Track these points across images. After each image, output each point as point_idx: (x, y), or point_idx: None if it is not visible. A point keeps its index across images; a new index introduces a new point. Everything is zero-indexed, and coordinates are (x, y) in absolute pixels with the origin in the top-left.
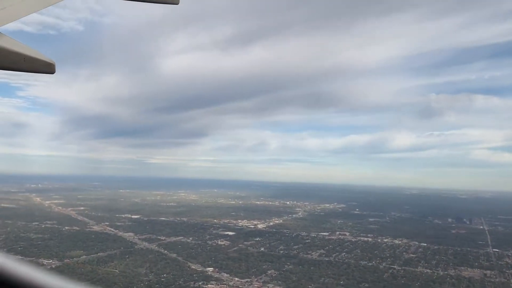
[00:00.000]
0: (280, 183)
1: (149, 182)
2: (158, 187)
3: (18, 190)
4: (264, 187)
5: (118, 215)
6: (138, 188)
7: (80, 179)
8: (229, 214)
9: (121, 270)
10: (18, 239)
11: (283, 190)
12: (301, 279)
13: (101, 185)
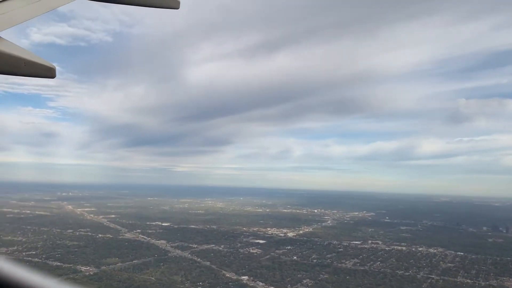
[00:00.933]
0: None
1: (176, 190)
2: (184, 195)
3: (51, 198)
4: (289, 195)
5: (149, 223)
6: (165, 196)
7: (109, 187)
8: (257, 222)
9: (157, 277)
10: (55, 246)
11: (309, 198)
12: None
13: (129, 193)
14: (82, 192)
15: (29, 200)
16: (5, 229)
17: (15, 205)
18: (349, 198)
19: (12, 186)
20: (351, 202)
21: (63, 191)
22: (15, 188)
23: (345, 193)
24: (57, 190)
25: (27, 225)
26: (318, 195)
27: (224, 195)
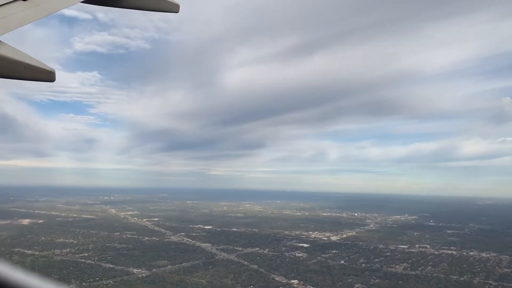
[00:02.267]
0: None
1: (212, 193)
2: (221, 198)
3: (94, 202)
4: (326, 198)
5: (192, 226)
6: (203, 199)
7: (148, 191)
8: (298, 226)
9: (208, 280)
10: (105, 249)
11: (347, 202)
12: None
13: (168, 197)
14: (124, 196)
15: (74, 204)
16: (56, 231)
17: (62, 208)
18: (389, 201)
19: (56, 191)
20: (391, 206)
21: (105, 195)
22: (60, 192)
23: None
24: (99, 194)
25: (75, 228)
26: (356, 198)
27: (260, 198)
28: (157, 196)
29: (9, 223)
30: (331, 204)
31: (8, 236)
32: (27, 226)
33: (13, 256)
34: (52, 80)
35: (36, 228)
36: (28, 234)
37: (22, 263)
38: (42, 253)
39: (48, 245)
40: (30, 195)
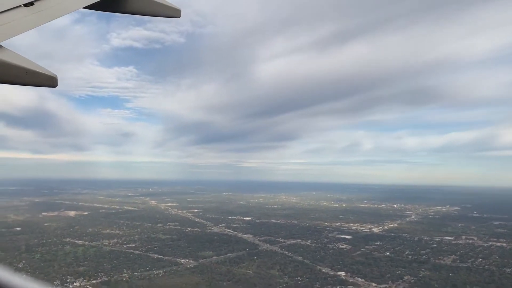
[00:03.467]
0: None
1: (246, 185)
2: (256, 190)
3: (134, 194)
4: (362, 190)
5: (231, 217)
6: (238, 191)
7: (184, 183)
8: (337, 217)
9: (254, 271)
10: (151, 240)
11: (384, 193)
12: (444, 286)
13: (204, 189)
14: (161, 188)
15: (115, 196)
16: (102, 223)
17: (104, 200)
18: (428, 192)
19: (97, 183)
20: (430, 197)
21: (143, 187)
22: (100, 185)
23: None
24: (138, 187)
25: (119, 219)
26: (393, 189)
27: (295, 190)
28: (193, 188)
29: (57, 214)
30: (368, 195)
31: (58, 227)
32: (74, 218)
33: (65, 246)
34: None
35: (82, 219)
36: (76, 225)
37: (75, 253)
38: (91, 244)
39: (96, 235)
40: (72, 187)
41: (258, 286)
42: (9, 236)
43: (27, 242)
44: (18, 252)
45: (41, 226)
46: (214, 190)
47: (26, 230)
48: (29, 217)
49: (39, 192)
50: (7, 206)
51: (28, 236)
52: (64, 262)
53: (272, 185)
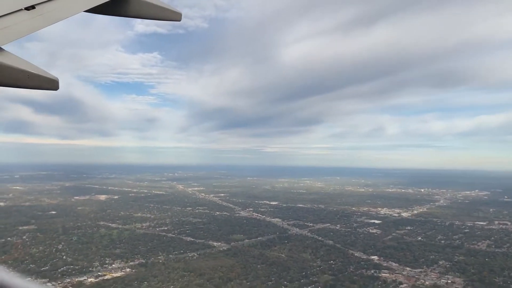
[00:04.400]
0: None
1: (270, 170)
2: (280, 175)
3: (160, 178)
4: (387, 174)
5: (258, 202)
6: (262, 176)
7: (208, 168)
8: (364, 202)
9: (287, 254)
10: (182, 223)
11: (410, 178)
12: (481, 272)
13: (228, 174)
14: (187, 173)
15: (142, 180)
16: (133, 207)
17: (132, 185)
18: (455, 177)
19: (123, 168)
20: (458, 181)
21: (169, 172)
22: (127, 169)
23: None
24: (164, 171)
25: (149, 203)
26: (420, 174)
27: (318, 175)
28: (218, 173)
29: (88, 198)
30: (394, 180)
31: (91, 211)
32: (105, 202)
33: (100, 229)
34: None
35: (113, 203)
36: (108, 209)
37: (110, 235)
38: (125, 227)
39: (128, 219)
40: (100, 172)
41: (292, 269)
42: (46, 219)
43: (63, 224)
44: (56, 234)
45: (74, 209)
46: (238, 175)
47: (61, 213)
48: (62, 200)
49: (68, 176)
50: (41, 190)
51: (63, 219)
52: (100, 244)
53: (295, 170)
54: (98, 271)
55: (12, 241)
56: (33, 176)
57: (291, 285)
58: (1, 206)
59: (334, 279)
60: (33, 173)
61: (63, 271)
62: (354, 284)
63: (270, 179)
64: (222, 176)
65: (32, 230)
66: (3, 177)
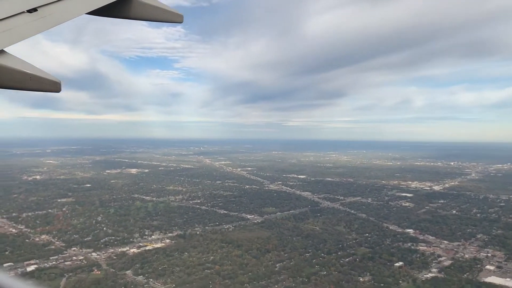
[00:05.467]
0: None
1: (294, 144)
2: (304, 148)
3: (187, 153)
4: (414, 147)
5: (285, 175)
6: (287, 150)
7: (232, 142)
8: (394, 176)
9: (321, 227)
10: (214, 196)
11: (438, 151)
12: None
13: (253, 148)
14: (212, 147)
15: (169, 154)
16: (164, 180)
17: (160, 159)
18: (486, 150)
19: (150, 142)
20: (489, 154)
21: (194, 146)
22: (153, 144)
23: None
24: (189, 146)
25: (179, 176)
26: (448, 147)
27: (344, 148)
28: (242, 147)
29: (120, 172)
30: (421, 153)
31: (124, 184)
32: (136, 175)
33: (135, 201)
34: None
35: (145, 176)
36: (140, 182)
37: (146, 208)
38: (159, 199)
39: (161, 192)
40: (127, 146)
41: (328, 242)
42: (82, 192)
43: (99, 197)
44: (94, 207)
45: (108, 182)
46: (263, 149)
47: (95, 186)
48: (95, 174)
49: (98, 151)
50: (73, 164)
51: (99, 191)
52: (138, 217)
53: (320, 143)
54: (139, 242)
55: (53, 213)
56: (64, 150)
57: (329, 257)
58: (38, 180)
59: (371, 252)
60: (63, 147)
61: (106, 241)
62: (393, 257)
63: (296, 153)
64: (247, 150)
65: (70, 203)
66: (36, 151)
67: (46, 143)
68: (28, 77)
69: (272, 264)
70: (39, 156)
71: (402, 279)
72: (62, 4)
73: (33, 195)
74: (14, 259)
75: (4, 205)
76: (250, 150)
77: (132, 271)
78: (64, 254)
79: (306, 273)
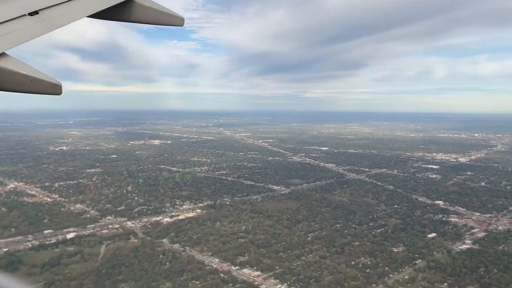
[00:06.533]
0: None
1: (312, 116)
2: (324, 120)
3: (207, 124)
4: (436, 119)
5: (307, 147)
6: (306, 122)
7: (250, 114)
8: (417, 147)
9: (349, 198)
10: (238, 167)
11: (461, 122)
12: None
13: (271, 120)
14: (230, 119)
15: (189, 126)
16: (188, 151)
17: (181, 130)
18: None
19: (168, 114)
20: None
21: (213, 118)
22: (172, 115)
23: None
24: (208, 117)
25: (202, 148)
26: (470, 118)
27: (364, 120)
28: (261, 119)
29: (143, 143)
30: (444, 125)
31: (149, 155)
32: (160, 147)
33: (162, 172)
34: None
35: (168, 148)
36: (164, 153)
37: (173, 178)
38: (185, 170)
39: (186, 163)
40: (147, 118)
41: (358, 213)
42: (109, 162)
43: (126, 168)
44: (123, 177)
45: (133, 153)
46: (282, 120)
47: (121, 157)
48: (119, 145)
49: (119, 122)
50: (96, 135)
51: (125, 162)
52: (167, 187)
53: (339, 115)
54: (171, 212)
55: (84, 183)
56: (86, 122)
57: (360, 228)
58: (65, 150)
59: (403, 223)
60: (85, 119)
61: (139, 211)
62: (425, 228)
63: (315, 124)
64: (266, 122)
65: (99, 173)
66: (59, 123)
67: (68, 114)
68: (29, 80)
69: (304, 234)
70: (62, 127)
71: (436, 250)
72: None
73: (62, 165)
74: (53, 227)
75: (36, 175)
76: (269, 122)
77: (168, 240)
78: (100, 223)
79: (339, 243)
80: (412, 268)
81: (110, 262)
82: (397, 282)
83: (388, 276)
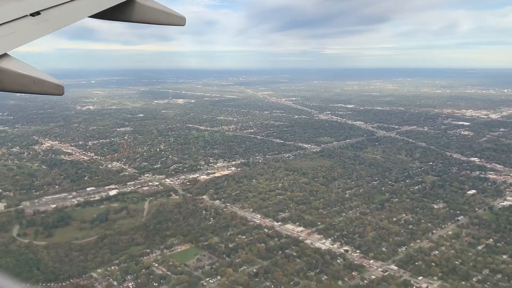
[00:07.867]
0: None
1: (333, 73)
2: (345, 77)
3: (227, 83)
4: (462, 74)
5: (333, 105)
6: (327, 79)
7: (270, 72)
8: (446, 104)
9: (382, 156)
10: (266, 126)
11: (488, 78)
12: None
13: (292, 77)
14: (251, 77)
15: (210, 85)
16: (212, 110)
17: (203, 89)
18: None
19: (188, 73)
20: None
21: (233, 77)
22: (192, 74)
23: None
24: (227, 76)
25: (226, 107)
26: (498, 73)
27: (387, 76)
28: (281, 76)
29: (167, 102)
30: (471, 80)
31: (176, 114)
32: (184, 105)
33: (191, 131)
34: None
35: (193, 106)
36: (190, 112)
37: (203, 137)
38: (213, 129)
39: (213, 122)
40: (167, 77)
41: (394, 170)
42: (137, 121)
43: (155, 127)
44: (154, 135)
45: (159, 113)
46: (302, 78)
47: (148, 116)
48: (144, 104)
49: (140, 81)
50: (120, 94)
51: (153, 121)
52: (198, 145)
53: (361, 72)
54: (206, 169)
55: (117, 141)
56: (107, 81)
57: (398, 185)
58: (92, 110)
59: (440, 180)
60: (106, 78)
61: (175, 168)
62: (464, 185)
63: (337, 82)
64: (286, 80)
65: (129, 132)
66: (81, 82)
67: (88, 74)
68: (31, 81)
69: (341, 191)
70: (85, 87)
71: (477, 206)
72: (65, 8)
73: (92, 124)
74: (95, 184)
75: (69, 134)
76: (290, 80)
77: (208, 196)
78: (140, 180)
79: (378, 200)
80: (455, 224)
81: (156, 218)
82: (441, 238)
83: (431, 232)
